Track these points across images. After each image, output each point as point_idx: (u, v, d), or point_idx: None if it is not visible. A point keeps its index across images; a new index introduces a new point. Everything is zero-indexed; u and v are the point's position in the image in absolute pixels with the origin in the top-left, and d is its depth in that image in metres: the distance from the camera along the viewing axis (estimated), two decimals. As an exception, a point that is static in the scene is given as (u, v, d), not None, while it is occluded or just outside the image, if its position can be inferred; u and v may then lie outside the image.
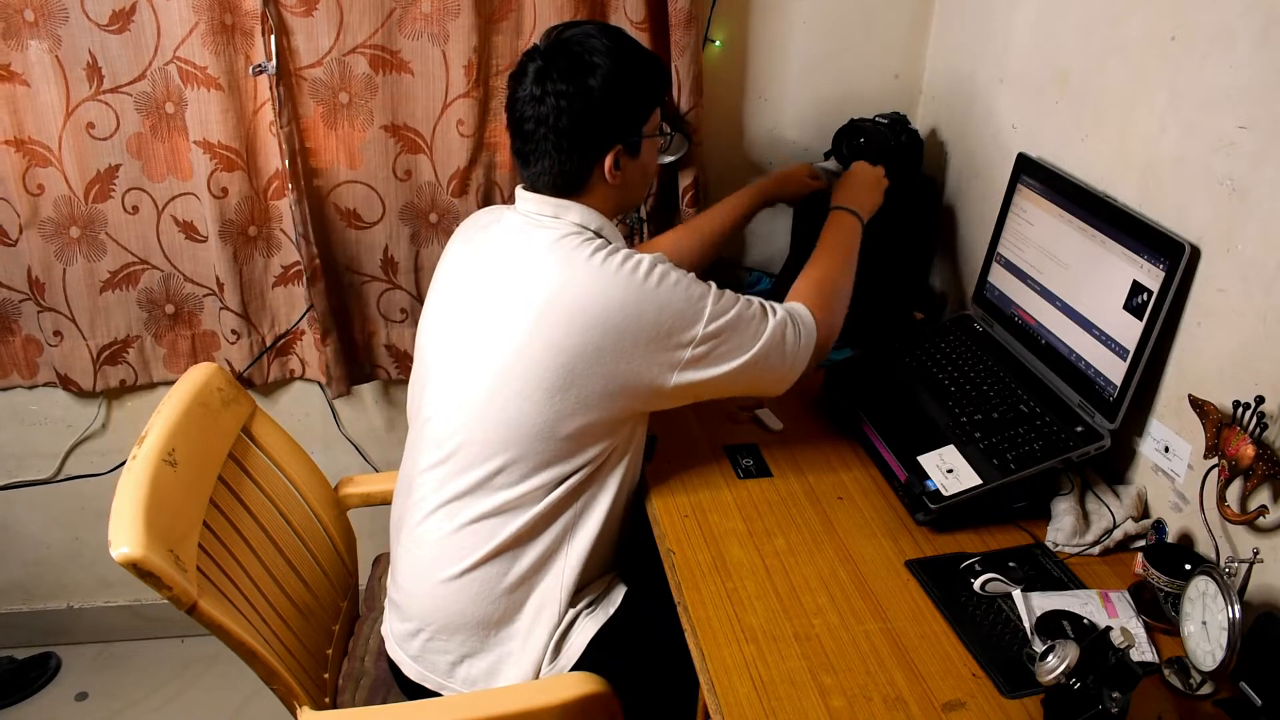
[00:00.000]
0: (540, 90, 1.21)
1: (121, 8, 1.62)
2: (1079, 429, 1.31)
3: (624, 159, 1.26)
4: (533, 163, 1.25)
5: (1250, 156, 1.13)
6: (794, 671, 1.06)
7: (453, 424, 1.28)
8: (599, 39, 1.22)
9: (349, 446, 2.07)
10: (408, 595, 1.34)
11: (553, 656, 1.29)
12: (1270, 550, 1.11)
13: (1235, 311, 1.16)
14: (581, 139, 1.22)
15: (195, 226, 1.79)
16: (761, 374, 1.28)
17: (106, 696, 2.11)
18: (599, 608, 1.32)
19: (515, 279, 1.24)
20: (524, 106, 1.22)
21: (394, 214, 1.81)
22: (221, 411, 1.37)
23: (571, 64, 1.20)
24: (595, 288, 1.19)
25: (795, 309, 1.33)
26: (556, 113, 1.20)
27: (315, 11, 1.63)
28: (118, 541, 1.08)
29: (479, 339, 1.26)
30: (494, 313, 1.25)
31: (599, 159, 1.24)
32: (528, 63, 1.23)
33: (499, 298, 1.25)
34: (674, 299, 1.21)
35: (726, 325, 1.23)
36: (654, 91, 1.30)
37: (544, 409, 1.21)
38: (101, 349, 1.86)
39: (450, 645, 1.31)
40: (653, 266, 1.21)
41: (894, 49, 1.88)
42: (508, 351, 1.22)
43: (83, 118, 1.68)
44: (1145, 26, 1.30)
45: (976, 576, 1.19)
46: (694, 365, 1.23)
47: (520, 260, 1.25)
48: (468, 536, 1.27)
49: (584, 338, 1.18)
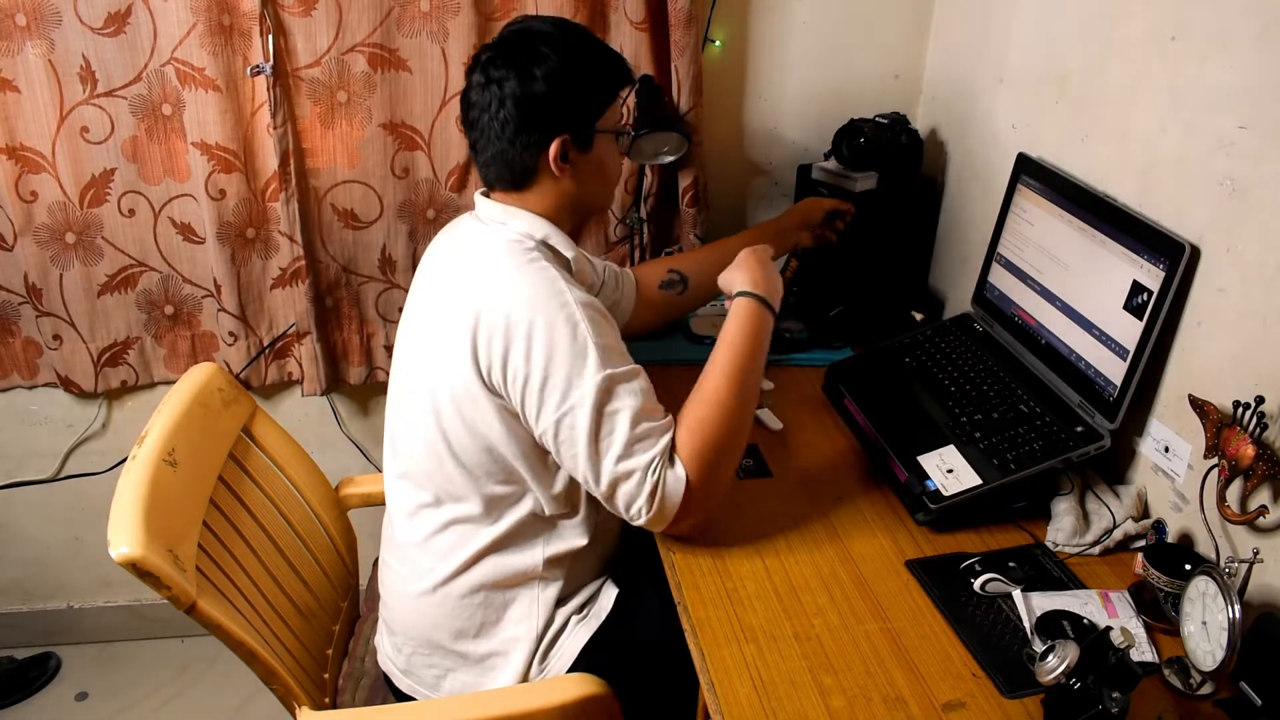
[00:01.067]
0: (485, 78, 1.20)
1: (116, 10, 1.61)
2: (1079, 429, 1.31)
3: (572, 151, 1.22)
4: (480, 151, 1.23)
5: (1250, 156, 1.13)
6: (794, 671, 1.06)
7: (409, 442, 1.29)
8: (550, 31, 1.21)
9: (349, 446, 2.07)
10: (392, 610, 1.35)
11: (540, 666, 1.29)
12: (1270, 550, 1.11)
13: (1235, 311, 1.16)
14: (523, 126, 1.19)
15: (193, 228, 1.79)
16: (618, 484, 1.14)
17: (106, 696, 2.11)
18: (590, 613, 1.32)
19: (452, 289, 1.22)
20: (472, 94, 1.22)
21: (391, 212, 1.81)
22: (222, 412, 1.37)
23: (517, 53, 1.19)
24: (506, 298, 1.15)
25: (673, 473, 1.15)
26: (499, 100, 1.19)
27: (314, 11, 1.63)
28: (117, 541, 1.08)
29: (420, 351, 1.26)
30: (432, 325, 1.24)
31: (543, 148, 1.20)
32: (481, 54, 1.22)
33: (438, 307, 1.24)
34: (568, 341, 1.12)
35: (611, 409, 1.13)
36: (608, 86, 1.25)
37: (484, 431, 1.19)
38: (102, 351, 1.86)
39: (433, 659, 1.31)
40: (576, 302, 1.14)
41: (894, 49, 1.88)
42: (437, 365, 1.21)
43: (76, 122, 1.68)
44: (1145, 26, 1.30)
45: (976, 576, 1.19)
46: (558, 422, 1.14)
47: (460, 269, 1.23)
48: (439, 544, 1.27)
49: (487, 350, 1.15)
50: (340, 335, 1.91)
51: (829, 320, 1.74)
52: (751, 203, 1.99)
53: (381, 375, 1.95)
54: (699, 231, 1.87)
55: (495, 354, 1.14)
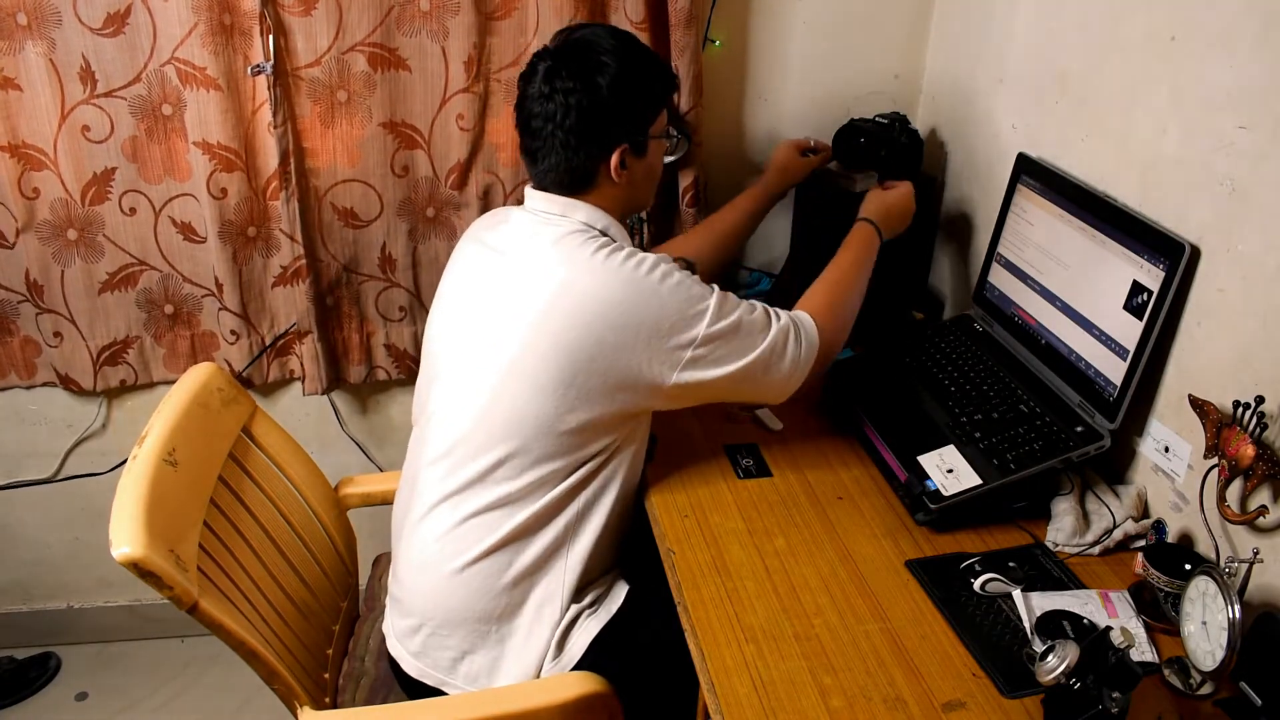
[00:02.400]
0: (549, 88, 1.23)
1: (116, 10, 1.61)
2: (1079, 429, 1.31)
3: (630, 159, 1.28)
4: (540, 160, 1.27)
5: (1250, 156, 1.13)
6: (794, 671, 1.06)
7: (458, 418, 1.29)
8: (608, 40, 1.26)
9: (349, 446, 2.07)
10: (409, 590, 1.34)
11: (555, 654, 1.29)
12: (1270, 550, 1.11)
13: (1235, 311, 1.16)
14: (588, 136, 1.25)
15: (194, 227, 1.79)
16: (762, 380, 1.29)
17: (106, 696, 2.11)
18: (601, 606, 1.32)
19: (521, 276, 1.26)
20: (533, 104, 1.25)
21: (391, 211, 1.81)
22: (222, 411, 1.37)
23: (580, 63, 1.23)
24: (598, 284, 1.20)
25: (800, 317, 1.33)
26: (564, 110, 1.23)
27: (314, 11, 1.63)
28: (118, 541, 1.08)
29: (486, 335, 1.27)
30: (500, 309, 1.26)
31: (605, 157, 1.26)
32: (538, 63, 1.26)
33: (505, 295, 1.26)
34: (676, 298, 1.22)
35: (728, 328, 1.24)
36: (661, 93, 1.32)
37: (546, 403, 1.22)
38: (101, 349, 1.86)
39: (451, 641, 1.31)
40: (655, 265, 1.23)
41: (894, 49, 1.88)
42: (513, 346, 1.23)
43: (77, 121, 1.68)
44: (1145, 26, 1.30)
45: (976, 576, 1.19)
46: (694, 365, 1.23)
47: (526, 258, 1.27)
48: (470, 530, 1.28)
49: (586, 333, 1.19)
50: (340, 334, 1.91)
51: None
52: (751, 202, 1.99)
53: (381, 374, 1.95)
54: (699, 231, 1.87)
55: (590, 337, 1.19)
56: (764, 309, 1.30)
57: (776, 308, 1.32)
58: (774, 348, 1.28)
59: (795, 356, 1.30)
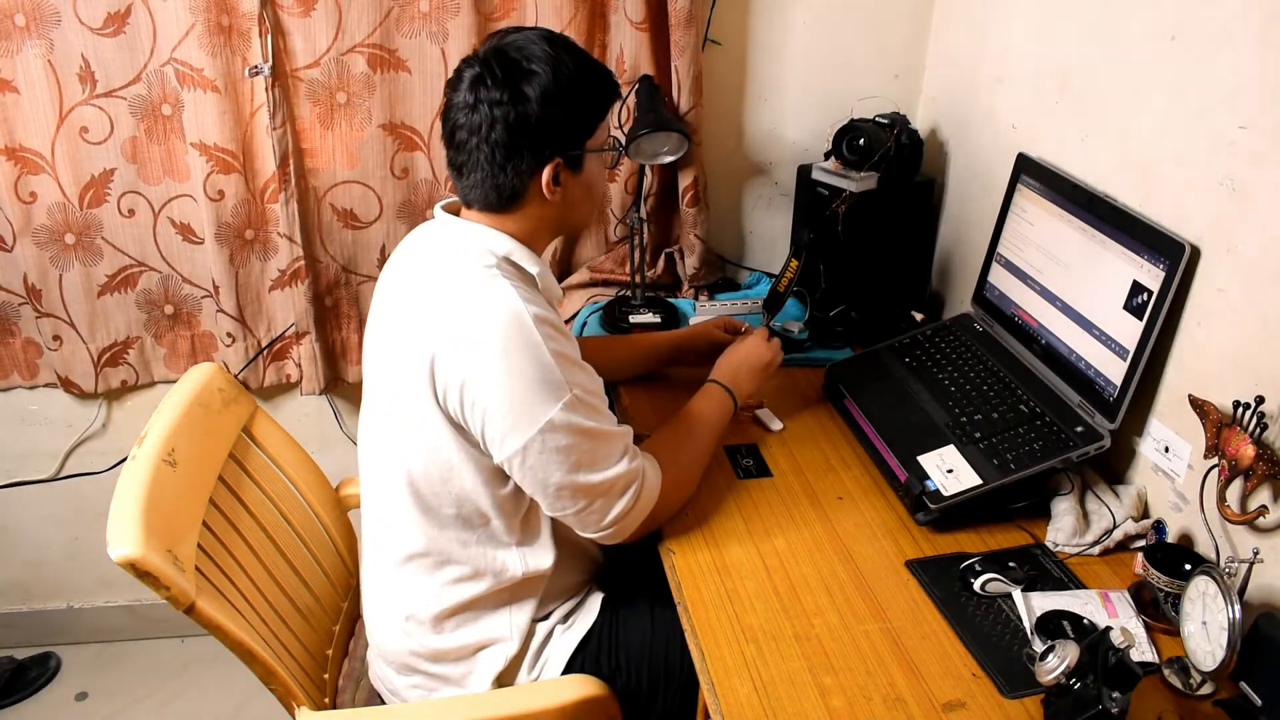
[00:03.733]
0: (474, 98, 1.11)
1: (116, 10, 1.61)
2: (1079, 429, 1.31)
3: (564, 174, 1.17)
4: (465, 175, 1.17)
5: (1250, 156, 1.13)
6: (794, 671, 1.06)
7: (365, 457, 1.29)
8: (539, 45, 1.13)
9: (349, 446, 2.06)
10: (370, 629, 1.35)
11: (529, 674, 1.28)
12: (1270, 550, 1.11)
13: (1235, 311, 1.16)
14: (516, 151, 1.13)
15: (192, 228, 1.79)
16: (586, 505, 1.17)
17: (106, 696, 2.10)
18: (575, 623, 1.31)
19: (405, 307, 1.20)
20: (457, 114, 1.14)
21: (391, 212, 1.81)
22: (222, 412, 1.37)
23: (507, 71, 1.11)
24: (463, 321, 1.12)
25: (648, 469, 1.22)
26: (489, 122, 1.11)
27: (313, 12, 1.63)
28: (116, 541, 1.08)
29: (375, 368, 1.26)
30: (389, 340, 1.22)
31: (535, 173, 1.15)
32: (464, 69, 1.14)
33: (398, 331, 1.21)
34: (541, 360, 1.10)
35: (580, 427, 1.13)
36: (598, 103, 1.19)
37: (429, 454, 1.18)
38: (102, 351, 1.86)
39: (415, 680, 1.30)
40: (534, 318, 1.11)
41: (894, 49, 1.88)
42: (390, 384, 1.20)
43: (76, 122, 1.67)
44: (1145, 26, 1.30)
45: (976, 576, 1.18)
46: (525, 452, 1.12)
47: (417, 288, 1.20)
48: (406, 575, 1.26)
49: (444, 378, 1.12)
50: (339, 335, 1.91)
51: (829, 320, 1.74)
52: (751, 202, 1.99)
53: (381, 375, 1.95)
54: (699, 231, 1.87)
55: (452, 382, 1.11)
56: (625, 441, 1.19)
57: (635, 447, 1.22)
58: (616, 478, 1.16)
59: (630, 504, 1.18)
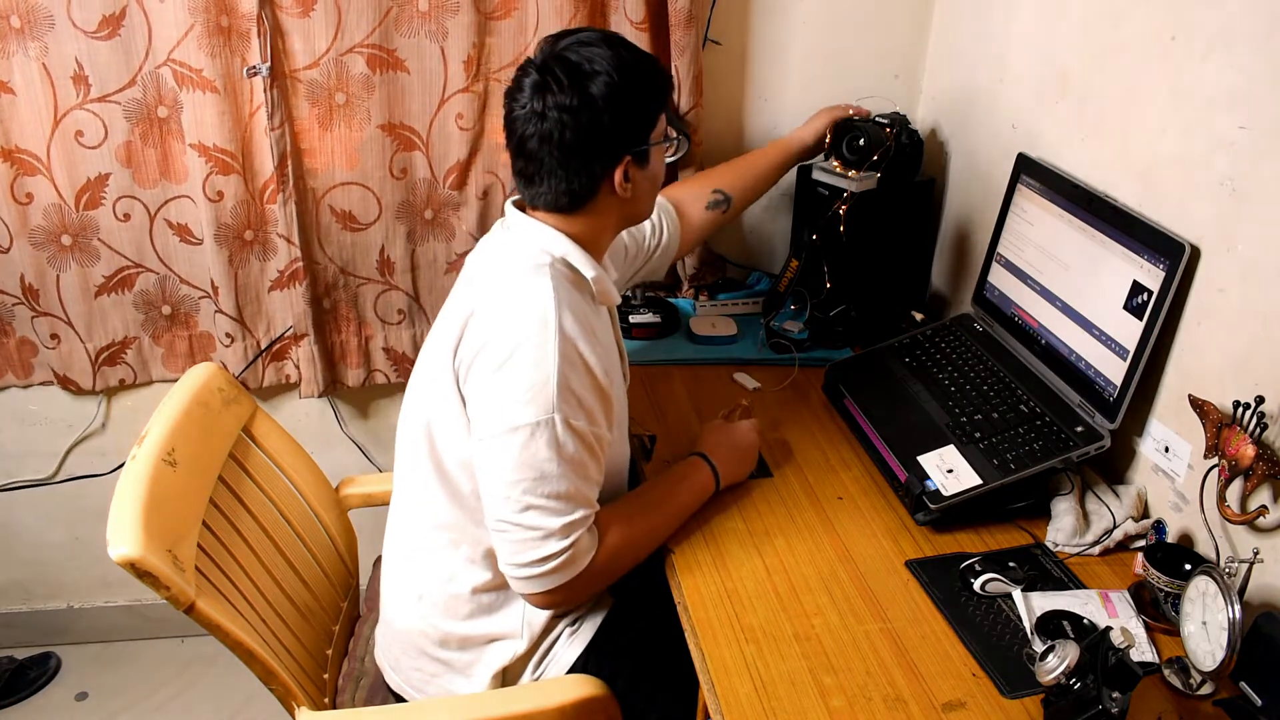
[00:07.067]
0: (541, 105, 1.11)
1: (111, 13, 1.60)
2: (1079, 429, 1.31)
3: (634, 170, 1.18)
4: (538, 182, 1.17)
5: (1250, 156, 1.13)
6: (794, 671, 1.06)
7: (405, 445, 1.30)
8: (597, 46, 1.13)
9: (350, 446, 2.07)
10: (385, 608, 1.35)
11: (534, 673, 1.28)
12: (1270, 550, 1.11)
13: (1235, 311, 1.16)
14: (590, 154, 1.14)
15: (190, 230, 1.79)
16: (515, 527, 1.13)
17: (106, 696, 2.10)
18: (582, 626, 1.30)
19: (458, 296, 1.24)
20: (525, 125, 1.13)
21: (390, 213, 1.81)
22: (222, 411, 1.37)
23: (571, 74, 1.11)
24: (497, 310, 1.15)
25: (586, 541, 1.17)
26: (560, 128, 1.11)
27: (312, 13, 1.63)
28: (116, 541, 1.08)
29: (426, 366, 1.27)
30: (440, 320, 1.26)
31: (609, 173, 1.16)
32: (523, 77, 1.14)
33: (447, 308, 1.26)
34: (544, 370, 1.11)
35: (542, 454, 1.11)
36: (659, 96, 1.21)
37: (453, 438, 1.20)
38: (99, 350, 1.86)
39: (420, 663, 1.31)
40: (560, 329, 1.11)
41: (894, 49, 1.88)
42: (430, 371, 1.22)
43: (70, 126, 1.67)
44: (1145, 26, 1.30)
45: (976, 576, 1.19)
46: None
47: (470, 281, 1.24)
48: (426, 554, 1.27)
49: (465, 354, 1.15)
50: (338, 337, 1.91)
51: (829, 320, 1.74)
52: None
53: (380, 378, 1.95)
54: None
55: (466, 356, 1.15)
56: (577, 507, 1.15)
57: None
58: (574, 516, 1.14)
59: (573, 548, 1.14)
